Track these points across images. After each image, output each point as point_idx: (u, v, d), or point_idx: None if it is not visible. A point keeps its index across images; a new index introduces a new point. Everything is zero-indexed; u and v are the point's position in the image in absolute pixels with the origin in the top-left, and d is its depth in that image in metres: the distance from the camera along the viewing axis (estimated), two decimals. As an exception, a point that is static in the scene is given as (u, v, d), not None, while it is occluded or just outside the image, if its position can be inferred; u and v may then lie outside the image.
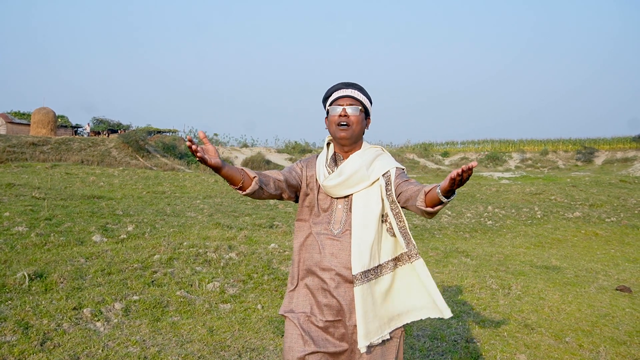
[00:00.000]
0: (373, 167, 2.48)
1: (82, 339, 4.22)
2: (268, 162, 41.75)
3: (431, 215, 2.25)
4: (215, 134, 51.68)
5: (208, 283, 5.75)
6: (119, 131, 43.48)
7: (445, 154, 53.17)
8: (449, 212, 14.26)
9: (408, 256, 2.46)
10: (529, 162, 50.06)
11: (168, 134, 46.76)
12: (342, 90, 2.53)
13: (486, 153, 51.86)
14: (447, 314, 2.43)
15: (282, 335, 4.66)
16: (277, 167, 41.39)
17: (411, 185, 2.39)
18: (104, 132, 44.59)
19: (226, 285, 5.79)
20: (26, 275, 5.29)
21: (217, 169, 2.22)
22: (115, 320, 4.67)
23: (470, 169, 1.92)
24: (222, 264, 6.43)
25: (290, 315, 2.48)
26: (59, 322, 4.44)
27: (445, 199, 2.10)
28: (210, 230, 8.40)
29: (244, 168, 2.34)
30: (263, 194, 2.40)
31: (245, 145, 48.30)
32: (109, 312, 4.81)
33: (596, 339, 5.00)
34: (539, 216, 14.09)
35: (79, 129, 49.29)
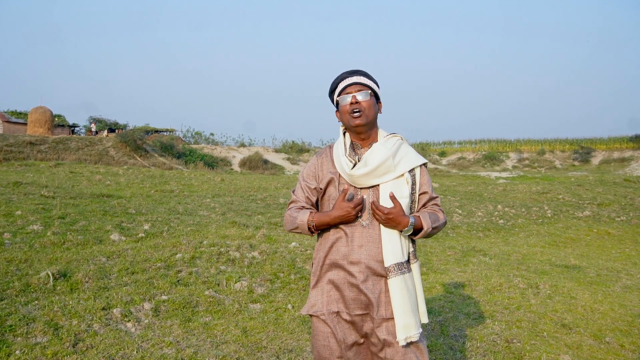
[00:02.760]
0: (398, 158, 2.42)
1: (114, 340, 4.08)
2: (266, 161, 41.62)
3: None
4: (212, 134, 51.54)
5: (235, 282, 5.61)
6: (117, 130, 43.24)
7: (443, 154, 53.16)
8: (460, 211, 14.18)
9: (414, 256, 2.45)
10: (526, 162, 50.10)
11: (165, 133, 46.61)
12: (347, 78, 2.45)
13: (483, 153, 51.85)
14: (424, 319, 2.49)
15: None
16: (275, 166, 41.29)
17: (428, 204, 2.49)
18: (102, 131, 44.32)
19: (254, 284, 5.66)
20: (50, 274, 5.14)
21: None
22: (146, 321, 4.54)
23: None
24: (246, 263, 6.30)
25: (318, 314, 2.39)
26: (89, 322, 4.30)
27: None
28: (227, 229, 8.27)
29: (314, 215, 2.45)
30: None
31: (243, 145, 48.13)
32: (139, 312, 4.67)
33: (636, 339, 4.90)
34: (550, 215, 14.03)
35: (75, 128, 49.07)
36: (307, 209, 2.47)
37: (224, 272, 5.92)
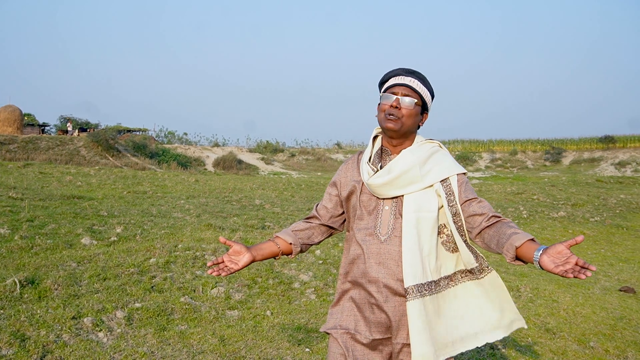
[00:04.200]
0: (428, 167, 2.15)
1: (85, 352, 3.90)
2: (240, 161, 41.39)
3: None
4: (185, 133, 51.11)
5: (212, 288, 5.44)
6: (88, 130, 42.56)
7: (417, 154, 53.48)
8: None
9: (479, 271, 2.15)
10: (499, 162, 50.81)
11: (138, 132, 46.10)
12: (400, 77, 2.20)
13: (457, 153, 52.28)
14: (521, 324, 2.19)
15: (299, 344, 4.42)
16: (249, 166, 41.09)
17: (477, 208, 2.11)
18: (72, 132, 43.49)
19: (231, 290, 5.49)
20: (17, 281, 4.91)
21: (252, 262, 2.25)
22: (119, 330, 4.35)
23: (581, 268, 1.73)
24: (222, 268, 6.12)
25: (333, 332, 2.19)
26: (58, 333, 4.10)
27: (539, 268, 1.85)
28: (202, 231, 8.07)
29: (278, 235, 2.34)
30: (311, 247, 2.43)
31: (217, 145, 47.83)
32: (111, 321, 4.48)
33: (619, 343, 4.87)
34: (525, 216, 14.06)
35: (46, 127, 48.18)
36: (311, 217, 2.39)
37: (200, 278, 5.74)
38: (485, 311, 2.16)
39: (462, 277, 2.17)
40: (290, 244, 2.29)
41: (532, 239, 1.91)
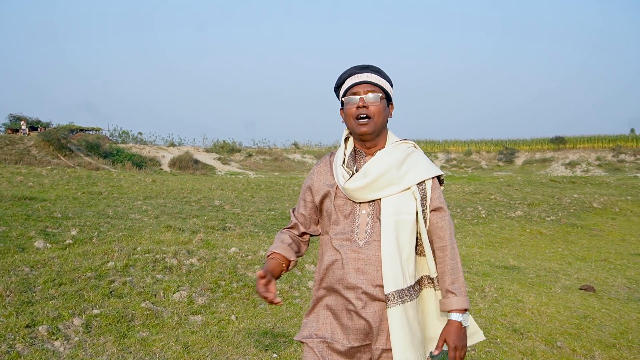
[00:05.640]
0: (405, 169, 2.10)
1: (40, 363, 3.68)
2: (196, 161, 40.98)
3: None
4: (140, 133, 50.27)
5: (174, 293, 5.25)
6: (39, 129, 41.40)
7: (372, 154, 53.86)
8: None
9: (431, 281, 2.14)
10: (454, 162, 51.78)
11: (91, 132, 45.14)
12: (356, 75, 2.13)
13: (414, 153, 53.09)
14: (479, 337, 2.22)
15: (266, 350, 4.29)
16: (206, 166, 40.71)
17: (436, 228, 2.11)
18: (26, 131, 42.16)
19: (194, 294, 5.31)
20: (-35, 288, 4.64)
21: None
22: (76, 339, 4.14)
23: None
24: (184, 271, 5.93)
25: (308, 341, 2.10)
26: (11, 343, 3.88)
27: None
28: (162, 233, 7.83)
29: (277, 252, 2.22)
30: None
31: (173, 144, 47.26)
32: (68, 329, 4.26)
33: (585, 342, 4.89)
34: (484, 215, 14.22)
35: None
36: (293, 226, 2.31)
37: (160, 282, 5.55)
38: (437, 321, 2.16)
39: (427, 282, 2.15)
40: (291, 260, 2.23)
41: (457, 309, 2.05)
